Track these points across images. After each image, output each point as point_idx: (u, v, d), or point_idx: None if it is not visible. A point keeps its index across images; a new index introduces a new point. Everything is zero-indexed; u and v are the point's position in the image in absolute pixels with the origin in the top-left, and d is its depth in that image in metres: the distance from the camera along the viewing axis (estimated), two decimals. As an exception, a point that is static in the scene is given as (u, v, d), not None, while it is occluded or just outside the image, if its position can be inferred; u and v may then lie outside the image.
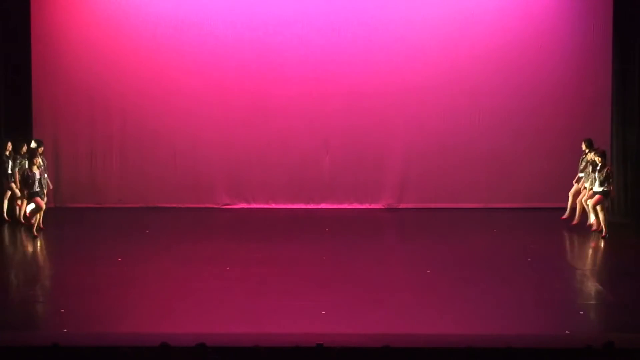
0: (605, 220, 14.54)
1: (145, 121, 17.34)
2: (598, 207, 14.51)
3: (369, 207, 17.40)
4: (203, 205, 17.29)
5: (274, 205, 17.46)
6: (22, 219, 15.48)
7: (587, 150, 15.25)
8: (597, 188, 14.46)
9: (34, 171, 14.70)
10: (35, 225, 14.79)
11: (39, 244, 14.44)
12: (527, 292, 11.54)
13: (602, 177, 14.40)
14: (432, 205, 17.31)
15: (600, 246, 14.31)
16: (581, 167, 15.28)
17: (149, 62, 17.27)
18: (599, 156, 14.56)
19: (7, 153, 15.64)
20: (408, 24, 17.18)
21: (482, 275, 12.44)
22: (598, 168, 14.45)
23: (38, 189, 14.73)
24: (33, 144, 15.66)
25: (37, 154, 15.03)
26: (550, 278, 12.26)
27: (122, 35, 17.25)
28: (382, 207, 17.41)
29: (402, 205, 17.35)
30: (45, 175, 15.15)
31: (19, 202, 15.57)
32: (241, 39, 17.21)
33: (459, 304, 11.10)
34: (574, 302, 11.21)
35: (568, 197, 15.54)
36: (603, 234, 14.50)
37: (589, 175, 14.81)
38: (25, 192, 14.84)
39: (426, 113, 17.28)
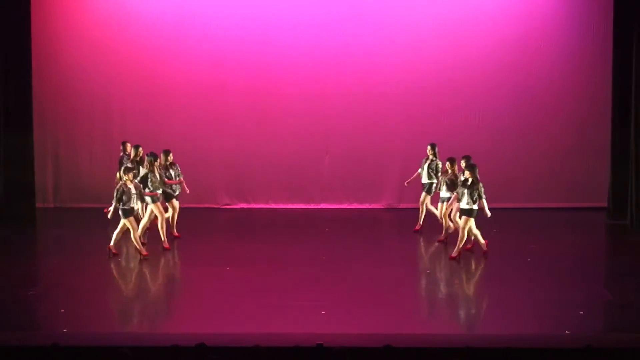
0: (462, 240, 13.01)
1: (146, 121, 17.33)
2: (467, 229, 12.98)
3: (369, 207, 17.40)
4: (203, 205, 17.28)
5: (274, 205, 17.46)
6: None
7: (431, 156, 14.73)
8: (464, 205, 12.90)
9: (129, 185, 13.01)
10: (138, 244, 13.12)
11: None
12: (527, 292, 11.54)
13: (473, 194, 12.80)
14: (432, 205, 17.31)
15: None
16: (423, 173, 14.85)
17: (149, 62, 17.27)
18: (469, 170, 12.96)
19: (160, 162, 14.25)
20: (408, 24, 17.18)
21: (482, 275, 12.44)
22: (468, 184, 12.87)
23: (133, 205, 13.06)
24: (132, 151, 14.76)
25: (128, 166, 13.47)
26: (550, 278, 12.26)
27: (122, 36, 17.25)
28: (382, 207, 17.41)
29: (402, 205, 17.34)
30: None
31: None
32: (241, 40, 17.21)
33: (459, 304, 11.10)
34: (575, 302, 11.19)
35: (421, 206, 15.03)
36: (454, 256, 13.02)
37: (443, 184, 13.96)
38: (119, 209, 12.96)
39: (426, 113, 17.28)
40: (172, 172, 14.28)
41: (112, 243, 13.19)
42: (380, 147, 17.32)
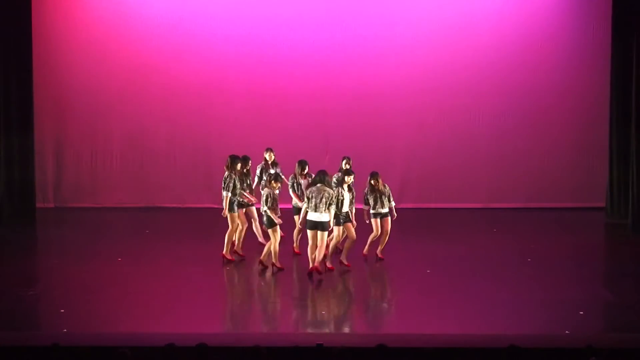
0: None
1: (146, 121, 17.34)
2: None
3: (369, 207, 17.37)
4: (203, 205, 17.27)
5: (274, 205, 17.42)
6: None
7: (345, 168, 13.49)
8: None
9: (276, 192, 12.75)
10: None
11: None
12: (527, 292, 11.54)
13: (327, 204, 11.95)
14: (432, 205, 17.30)
15: None
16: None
17: (150, 62, 17.26)
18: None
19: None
20: (408, 24, 17.18)
21: (482, 275, 12.44)
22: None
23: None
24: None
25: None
26: (550, 278, 12.26)
27: (122, 36, 17.24)
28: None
29: (402, 205, 17.28)
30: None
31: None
32: (241, 40, 17.21)
33: (459, 304, 11.10)
34: (575, 302, 11.19)
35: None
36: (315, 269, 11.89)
37: (375, 200, 12.92)
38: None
39: (426, 113, 17.28)
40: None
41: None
42: (380, 147, 17.31)
